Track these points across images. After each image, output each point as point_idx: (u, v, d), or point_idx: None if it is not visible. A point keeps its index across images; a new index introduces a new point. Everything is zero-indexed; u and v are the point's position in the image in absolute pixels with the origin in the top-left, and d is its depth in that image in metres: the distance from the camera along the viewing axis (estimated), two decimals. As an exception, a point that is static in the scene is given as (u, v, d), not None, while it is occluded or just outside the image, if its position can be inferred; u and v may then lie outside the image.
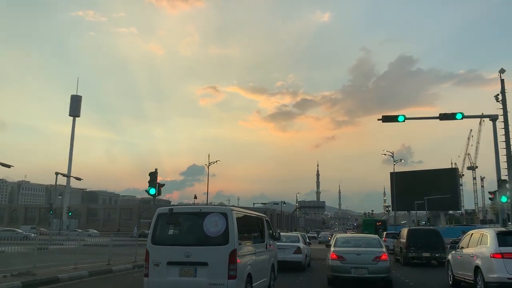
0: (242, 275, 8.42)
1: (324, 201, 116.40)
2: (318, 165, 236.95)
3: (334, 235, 20.80)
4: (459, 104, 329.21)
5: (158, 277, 8.50)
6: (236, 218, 8.68)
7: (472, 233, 12.34)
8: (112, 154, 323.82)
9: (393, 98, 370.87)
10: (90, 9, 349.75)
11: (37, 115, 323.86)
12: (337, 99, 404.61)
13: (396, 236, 25.55)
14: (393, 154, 65.99)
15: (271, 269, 11.18)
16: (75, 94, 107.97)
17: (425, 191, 76.51)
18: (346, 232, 73.14)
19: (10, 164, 26.27)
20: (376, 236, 15.99)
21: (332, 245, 14.03)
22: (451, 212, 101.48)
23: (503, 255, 10.13)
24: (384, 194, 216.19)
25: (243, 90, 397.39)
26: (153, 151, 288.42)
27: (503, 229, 12.24)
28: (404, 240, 21.84)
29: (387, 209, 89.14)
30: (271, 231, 11.61)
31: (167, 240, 8.85)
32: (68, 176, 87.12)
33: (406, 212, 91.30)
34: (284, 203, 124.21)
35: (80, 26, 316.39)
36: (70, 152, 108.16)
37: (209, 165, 76.79)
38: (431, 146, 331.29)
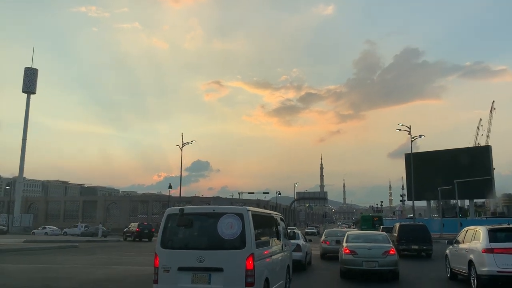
0: (260, 281, 7.81)
1: (326, 192, 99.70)
2: (321, 158, 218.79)
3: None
4: (465, 96, 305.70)
5: (168, 284, 7.75)
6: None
7: (467, 230, 13.62)
8: (116, 151, 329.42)
9: (399, 91, 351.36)
10: (93, 4, 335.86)
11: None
12: (342, 92, 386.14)
13: (390, 230, 27.40)
14: (410, 128, 52.18)
15: (286, 271, 10.64)
16: (30, 66, 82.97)
17: (450, 175, 61.03)
18: (350, 227, 68.98)
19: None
20: (384, 232, 17.70)
21: (344, 241, 15.25)
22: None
23: (493, 250, 11.27)
24: (390, 187, 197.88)
25: (247, 85, 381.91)
26: (157, 146, 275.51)
27: (495, 226, 12.96)
28: (396, 234, 23.60)
29: (401, 198, 66.86)
30: (286, 230, 11.33)
31: (178, 243, 8.11)
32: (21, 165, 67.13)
33: (426, 201, 69.61)
34: (280, 193, 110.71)
35: (83, 22, 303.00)
36: (23, 136, 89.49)
37: (182, 146, 66.30)
38: (438, 138, 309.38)
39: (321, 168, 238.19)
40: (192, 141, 69.91)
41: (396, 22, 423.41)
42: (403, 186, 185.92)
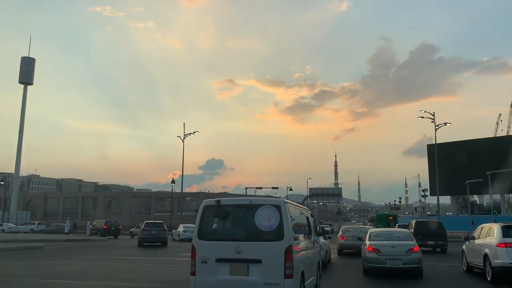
0: (297, 274, 7.83)
1: (341, 188, 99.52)
2: (336, 156, 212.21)
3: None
4: (483, 92, 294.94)
5: (206, 276, 7.84)
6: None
7: (482, 227, 14.85)
8: (131, 149, 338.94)
9: (414, 87, 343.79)
10: (108, 4, 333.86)
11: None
12: (356, 90, 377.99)
13: (406, 228, 27.67)
14: (434, 115, 46.13)
15: (317, 267, 10.85)
16: (27, 56, 77.04)
17: (478, 167, 55.39)
18: (366, 225, 64.12)
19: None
20: (407, 230, 17.81)
21: (367, 238, 15.61)
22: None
23: (506, 244, 12.56)
24: (406, 185, 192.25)
25: (260, 83, 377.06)
26: (171, 145, 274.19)
27: (507, 223, 14.28)
28: (412, 230, 23.58)
29: (423, 194, 58.76)
30: (316, 226, 11.72)
31: (215, 235, 8.23)
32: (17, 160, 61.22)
33: (451, 197, 61.82)
34: (291, 189, 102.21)
35: (98, 22, 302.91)
36: (20, 129, 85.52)
37: (184, 138, 62.96)
38: (455, 135, 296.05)
39: (335, 166, 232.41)
40: (194, 132, 66.88)
41: (411, 17, 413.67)
42: (419, 183, 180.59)
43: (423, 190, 70.08)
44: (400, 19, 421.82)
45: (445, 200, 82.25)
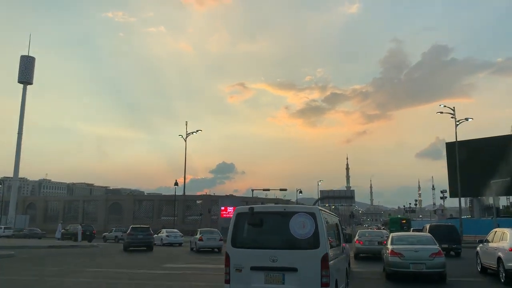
0: (332, 282, 7.79)
1: (353, 190, 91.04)
2: (347, 158, 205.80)
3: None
4: (497, 94, 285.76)
5: (241, 284, 7.82)
6: None
7: (495, 231, 15.86)
8: (143, 153, 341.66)
9: (427, 89, 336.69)
10: (120, 10, 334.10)
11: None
12: (368, 92, 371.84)
13: (420, 231, 28.46)
14: (454, 110, 41.98)
15: (346, 274, 10.72)
16: (26, 54, 73.71)
17: (501, 167, 50.13)
18: (379, 229, 60.40)
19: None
20: (429, 234, 17.71)
21: (389, 243, 15.73)
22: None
23: None
24: (419, 188, 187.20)
25: (270, 86, 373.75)
26: (182, 149, 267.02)
27: None
28: None
29: (442, 196, 52.94)
30: (343, 232, 11.78)
31: (249, 243, 8.13)
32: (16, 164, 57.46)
33: (469, 199, 56.44)
34: (301, 192, 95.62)
35: (110, 28, 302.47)
36: (19, 132, 79.69)
37: (186, 137, 62.94)
38: (469, 137, 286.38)
39: (347, 169, 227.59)
40: (197, 131, 64.72)
41: (424, 18, 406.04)
42: (433, 186, 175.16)
43: (441, 192, 64.99)
44: (412, 20, 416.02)
45: (458, 202, 77.01)
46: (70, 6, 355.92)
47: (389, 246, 15.03)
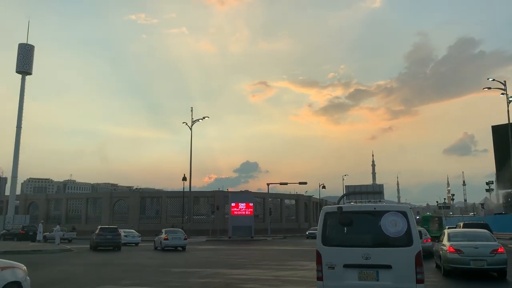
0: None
1: (383, 185, 75.74)
2: (373, 155, 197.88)
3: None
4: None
5: (334, 281, 8.05)
6: None
7: None
8: (167, 154, 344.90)
9: (454, 84, 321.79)
10: (142, 12, 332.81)
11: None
12: (393, 88, 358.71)
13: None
14: (505, 84, 35.56)
15: None
16: (25, 42, 68.57)
17: None
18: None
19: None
20: (486, 230, 17.45)
21: (446, 239, 15.69)
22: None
23: None
24: (448, 184, 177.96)
25: (293, 84, 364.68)
26: (207, 149, 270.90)
27: None
28: None
29: (487, 188, 41.84)
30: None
31: (340, 241, 8.34)
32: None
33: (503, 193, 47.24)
34: (324, 187, 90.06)
35: (133, 30, 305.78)
36: (18, 124, 72.04)
37: (192, 124, 56.88)
38: None
39: (373, 165, 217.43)
40: (204, 117, 60.31)
41: (449, 10, 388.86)
42: (464, 182, 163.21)
43: (487, 183, 55.14)
44: (437, 13, 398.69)
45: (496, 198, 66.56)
46: (94, 9, 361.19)
47: (447, 243, 15.22)
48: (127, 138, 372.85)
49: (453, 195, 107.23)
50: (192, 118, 58.93)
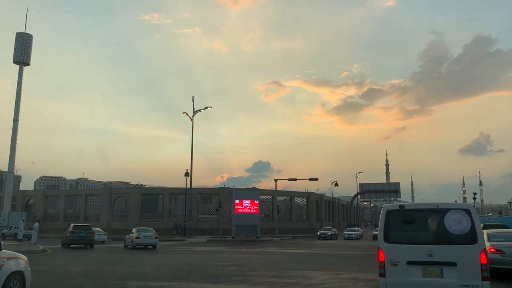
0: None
1: (399, 183, 71.27)
2: (386, 155, 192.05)
3: None
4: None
5: (397, 277, 8.11)
6: None
7: None
8: (180, 153, 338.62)
9: (469, 83, 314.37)
10: (156, 12, 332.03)
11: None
12: (407, 87, 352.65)
13: None
14: None
15: None
16: (23, 31, 64.33)
17: None
18: None
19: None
20: None
21: (485, 239, 14.88)
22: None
23: None
24: (464, 184, 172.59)
25: (306, 84, 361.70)
26: (219, 149, 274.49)
27: None
28: None
29: None
30: None
31: (403, 238, 8.43)
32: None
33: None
34: (336, 184, 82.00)
35: (147, 30, 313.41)
36: (15, 117, 67.41)
37: (193, 115, 52.85)
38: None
39: (387, 165, 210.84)
40: (206, 108, 56.34)
41: (464, 8, 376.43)
42: (480, 182, 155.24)
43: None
44: (452, 11, 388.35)
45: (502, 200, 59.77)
46: (108, 10, 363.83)
47: (487, 243, 14.60)
48: (140, 137, 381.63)
49: (474, 193, 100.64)
50: (193, 108, 55.09)
